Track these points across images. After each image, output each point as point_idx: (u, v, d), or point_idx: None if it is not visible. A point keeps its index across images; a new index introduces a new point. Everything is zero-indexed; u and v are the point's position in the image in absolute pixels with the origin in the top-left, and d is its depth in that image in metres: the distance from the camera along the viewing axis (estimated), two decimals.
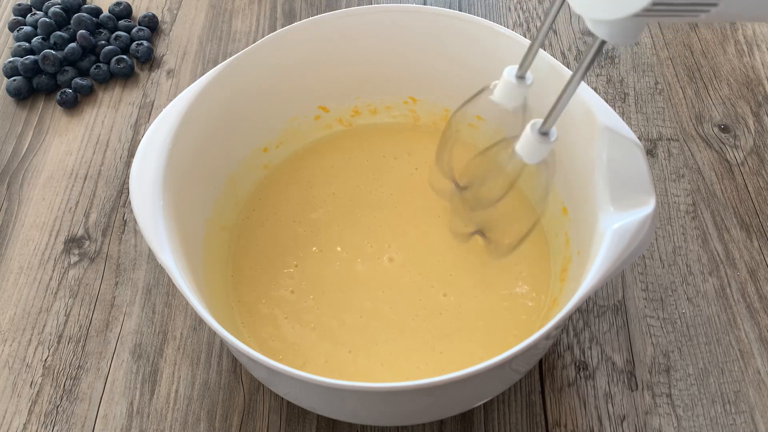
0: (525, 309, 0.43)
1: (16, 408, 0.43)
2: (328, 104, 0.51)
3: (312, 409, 0.40)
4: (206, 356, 0.45)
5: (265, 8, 0.66)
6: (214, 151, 0.45)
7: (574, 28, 0.63)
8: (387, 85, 0.51)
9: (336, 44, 0.48)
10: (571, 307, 0.33)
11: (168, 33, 0.65)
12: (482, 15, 0.65)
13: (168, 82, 0.60)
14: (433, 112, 0.52)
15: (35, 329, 0.46)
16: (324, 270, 0.45)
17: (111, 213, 0.52)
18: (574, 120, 0.41)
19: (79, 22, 0.62)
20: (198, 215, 0.44)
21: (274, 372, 0.33)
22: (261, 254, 0.46)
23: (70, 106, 0.59)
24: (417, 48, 0.48)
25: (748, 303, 0.46)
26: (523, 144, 0.36)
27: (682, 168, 0.53)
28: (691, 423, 0.42)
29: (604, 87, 0.58)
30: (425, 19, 0.47)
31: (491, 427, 0.42)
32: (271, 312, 0.44)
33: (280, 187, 0.50)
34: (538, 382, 0.43)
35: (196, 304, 0.34)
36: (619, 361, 0.44)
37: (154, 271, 0.49)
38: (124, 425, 0.42)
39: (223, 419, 0.42)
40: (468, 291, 0.44)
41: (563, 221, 0.45)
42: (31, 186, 0.54)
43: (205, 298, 0.38)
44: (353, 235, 0.47)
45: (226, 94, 0.44)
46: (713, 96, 0.57)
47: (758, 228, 0.49)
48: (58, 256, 0.50)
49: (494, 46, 0.45)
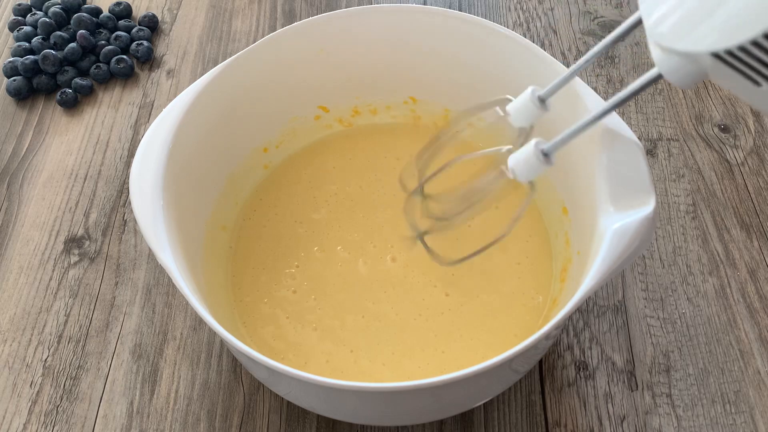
0: (525, 309, 0.43)
1: (16, 408, 0.43)
2: (328, 104, 0.51)
3: (312, 409, 0.40)
4: (206, 356, 0.45)
5: (265, 8, 0.66)
6: (214, 151, 0.45)
7: (574, 28, 0.63)
8: (387, 85, 0.51)
9: (336, 44, 0.48)
10: (571, 307, 0.33)
11: (168, 33, 0.65)
12: (482, 15, 0.65)
13: (168, 82, 0.60)
14: (433, 112, 0.52)
15: (35, 329, 0.46)
16: (326, 270, 0.45)
17: (111, 213, 0.52)
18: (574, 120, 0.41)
19: (79, 22, 0.62)
20: (198, 215, 0.44)
21: (274, 372, 0.33)
22: (262, 254, 0.46)
23: (70, 106, 0.59)
24: (417, 48, 0.48)
25: (748, 303, 0.46)
26: (520, 160, 0.34)
27: (682, 168, 0.53)
28: (691, 423, 0.42)
29: (604, 87, 0.58)
30: (425, 19, 0.47)
31: (491, 427, 0.42)
32: (272, 312, 0.44)
33: (280, 187, 0.50)
34: (538, 382, 0.43)
35: (196, 304, 0.34)
36: (619, 361, 0.44)
37: (154, 271, 0.49)
38: (124, 425, 0.42)
39: (223, 419, 0.42)
40: (470, 291, 0.44)
41: (563, 221, 0.45)
42: (31, 186, 0.54)
43: (205, 298, 0.38)
44: (355, 235, 0.47)
45: (226, 94, 0.44)
46: (713, 96, 0.57)
47: (758, 228, 0.49)
48: (58, 256, 0.50)
49: (494, 46, 0.45)
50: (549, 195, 0.46)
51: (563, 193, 0.45)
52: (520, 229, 0.47)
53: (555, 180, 0.45)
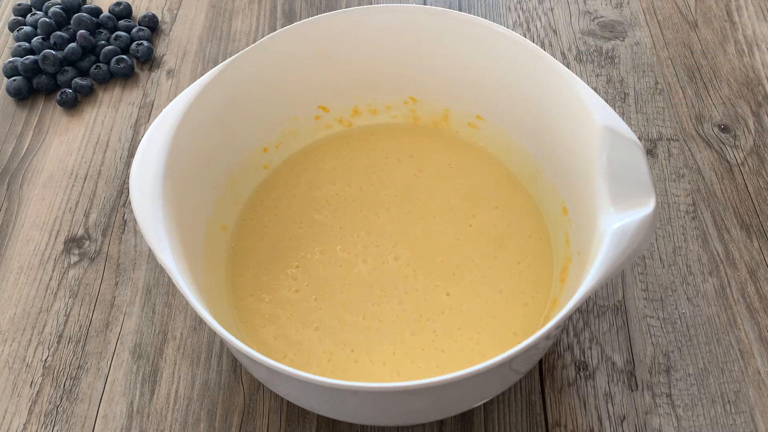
0: (525, 309, 0.43)
1: (16, 408, 0.43)
2: (328, 104, 0.51)
3: (312, 409, 0.40)
4: (206, 356, 0.45)
5: (265, 8, 0.66)
6: (214, 151, 0.45)
7: (574, 28, 0.63)
8: (387, 85, 0.51)
9: (336, 44, 0.48)
10: (571, 307, 0.33)
11: (168, 33, 0.65)
12: (482, 15, 0.65)
13: (168, 82, 0.60)
14: (433, 112, 0.52)
15: (35, 329, 0.46)
16: (327, 270, 0.45)
17: (111, 213, 0.52)
18: (574, 120, 0.41)
19: (79, 22, 0.62)
20: (198, 215, 0.44)
21: (274, 372, 0.33)
22: (263, 255, 0.46)
23: (70, 106, 0.59)
24: (417, 48, 0.48)
25: (748, 303, 0.46)
26: None
27: (682, 168, 0.53)
28: (691, 423, 0.42)
29: (604, 87, 0.58)
30: (425, 19, 0.47)
31: (491, 427, 0.42)
32: (273, 312, 0.44)
33: (280, 187, 0.50)
34: (538, 382, 0.43)
35: (196, 304, 0.34)
36: (619, 361, 0.44)
37: (154, 271, 0.49)
38: (124, 425, 0.42)
39: (223, 419, 0.42)
40: (471, 290, 0.44)
41: (563, 221, 0.45)
42: (31, 186, 0.54)
43: (205, 298, 0.38)
44: (356, 235, 0.47)
45: (226, 94, 0.44)
46: (713, 96, 0.57)
47: (758, 228, 0.49)
48: (58, 256, 0.50)
49: (494, 46, 0.45)
50: (549, 195, 0.46)
51: (563, 193, 0.45)
52: (520, 229, 0.47)
53: (555, 180, 0.46)
